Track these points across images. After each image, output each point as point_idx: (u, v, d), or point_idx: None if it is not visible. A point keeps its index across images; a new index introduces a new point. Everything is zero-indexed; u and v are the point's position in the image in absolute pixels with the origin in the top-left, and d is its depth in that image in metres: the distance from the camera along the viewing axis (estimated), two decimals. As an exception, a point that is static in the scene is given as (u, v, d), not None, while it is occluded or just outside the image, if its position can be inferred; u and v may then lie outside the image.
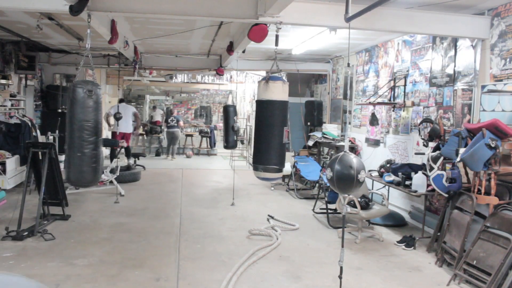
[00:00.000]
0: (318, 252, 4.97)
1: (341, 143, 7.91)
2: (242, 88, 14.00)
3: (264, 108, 4.32)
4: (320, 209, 6.64)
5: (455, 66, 5.48)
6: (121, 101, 10.45)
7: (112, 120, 9.67)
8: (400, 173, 5.58)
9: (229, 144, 8.54)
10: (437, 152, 4.90)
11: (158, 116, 14.74)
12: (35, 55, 8.56)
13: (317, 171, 7.87)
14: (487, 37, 4.97)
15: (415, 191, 5.19)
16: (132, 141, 13.05)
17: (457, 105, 5.43)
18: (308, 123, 9.71)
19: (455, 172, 4.61)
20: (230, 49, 7.11)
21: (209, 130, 15.29)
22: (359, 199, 5.43)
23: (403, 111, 6.59)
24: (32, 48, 8.41)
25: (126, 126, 9.75)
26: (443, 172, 4.70)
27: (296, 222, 6.02)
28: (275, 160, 4.31)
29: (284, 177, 8.63)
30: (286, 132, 4.32)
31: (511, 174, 4.32)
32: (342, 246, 3.20)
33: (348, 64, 5.54)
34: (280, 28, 4.46)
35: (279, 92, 4.25)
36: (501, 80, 4.75)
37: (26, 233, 5.04)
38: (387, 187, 6.08)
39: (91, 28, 4.21)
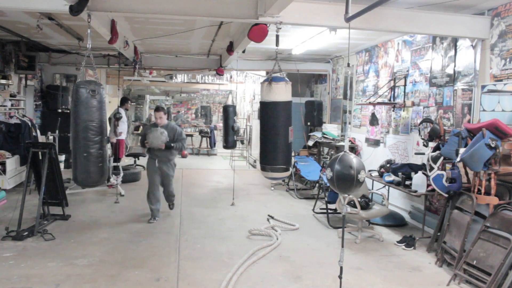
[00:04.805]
0: (318, 252, 4.97)
1: (341, 143, 7.91)
2: (242, 88, 14.00)
3: (268, 109, 4.33)
4: (320, 209, 6.64)
5: (455, 66, 5.48)
6: (123, 101, 8.66)
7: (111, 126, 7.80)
8: (400, 173, 5.59)
9: (229, 144, 8.53)
10: (437, 152, 4.90)
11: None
12: (35, 55, 8.55)
13: (317, 171, 7.88)
14: (487, 37, 4.97)
15: (415, 191, 5.19)
16: (132, 141, 12.89)
17: (457, 105, 5.42)
18: (308, 123, 9.71)
19: (455, 172, 4.61)
20: (230, 49, 7.11)
21: (209, 130, 15.31)
22: (359, 199, 5.43)
23: (403, 111, 6.58)
24: (32, 48, 8.40)
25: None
26: (443, 172, 4.70)
27: (296, 222, 6.02)
28: (282, 160, 4.34)
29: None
30: (291, 131, 4.33)
31: (511, 174, 4.32)
32: (342, 246, 3.20)
33: (348, 64, 5.56)
34: (280, 28, 4.46)
35: (282, 93, 4.26)
36: (501, 80, 4.75)
37: (26, 233, 5.05)
38: (387, 187, 6.07)
39: (91, 28, 4.22)
